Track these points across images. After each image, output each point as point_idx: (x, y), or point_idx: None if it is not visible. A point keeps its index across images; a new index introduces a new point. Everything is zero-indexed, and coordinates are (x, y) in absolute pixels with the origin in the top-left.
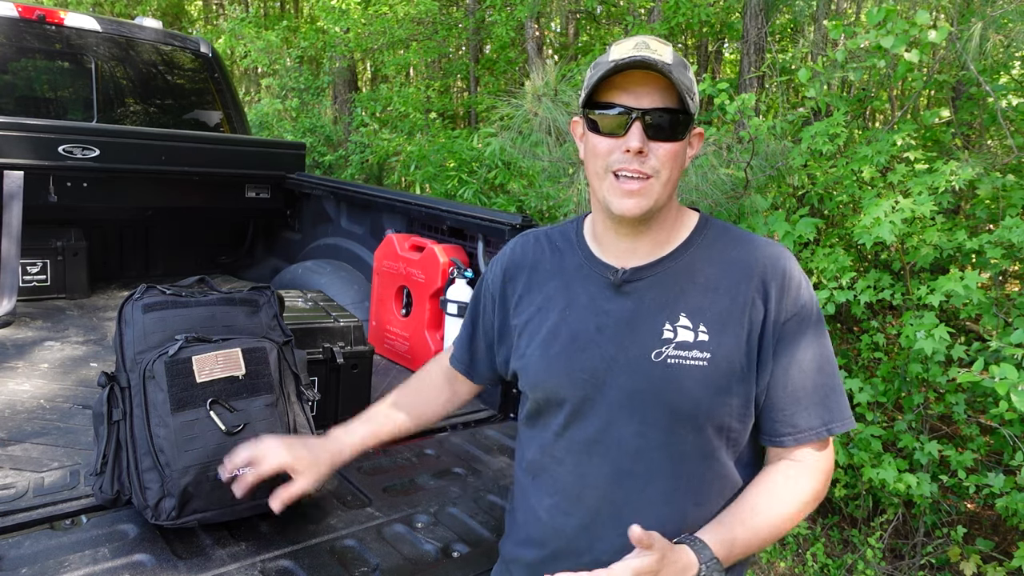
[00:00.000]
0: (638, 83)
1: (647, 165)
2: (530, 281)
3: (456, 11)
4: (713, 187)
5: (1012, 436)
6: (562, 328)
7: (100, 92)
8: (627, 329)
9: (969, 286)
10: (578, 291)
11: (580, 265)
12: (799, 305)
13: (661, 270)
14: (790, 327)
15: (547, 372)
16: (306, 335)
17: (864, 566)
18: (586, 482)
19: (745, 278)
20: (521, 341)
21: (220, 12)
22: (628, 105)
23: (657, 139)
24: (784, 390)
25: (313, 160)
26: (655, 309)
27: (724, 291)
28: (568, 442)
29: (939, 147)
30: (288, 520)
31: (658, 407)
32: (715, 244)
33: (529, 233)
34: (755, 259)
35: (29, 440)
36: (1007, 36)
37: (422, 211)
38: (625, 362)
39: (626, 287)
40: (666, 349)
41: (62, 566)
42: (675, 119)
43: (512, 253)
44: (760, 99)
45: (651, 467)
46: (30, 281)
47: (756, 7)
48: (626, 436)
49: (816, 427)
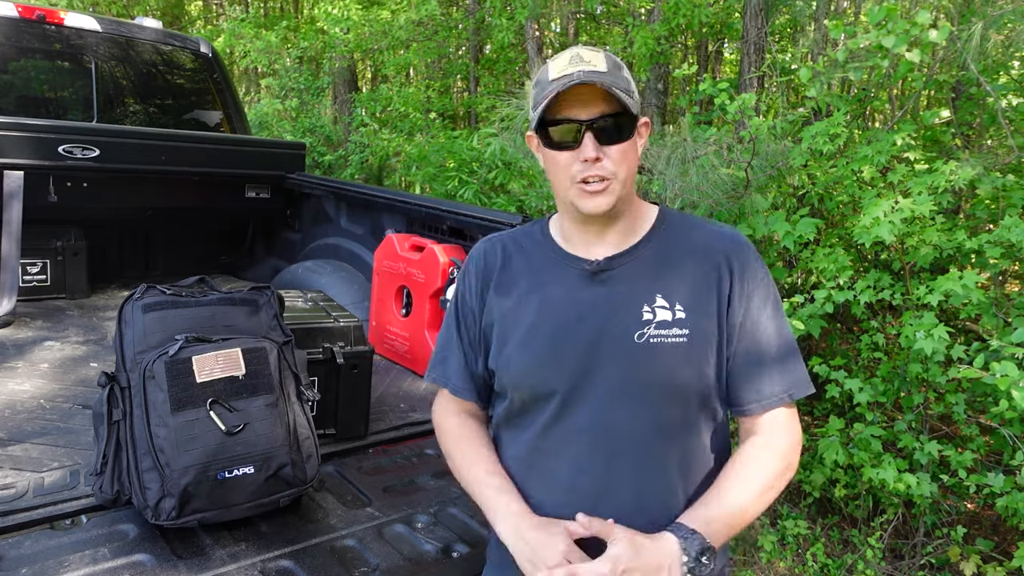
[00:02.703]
0: (582, 96)
1: (605, 169)
2: (499, 282)
3: (456, 12)
4: (713, 187)
5: (1012, 436)
6: (541, 323)
7: (100, 92)
8: (608, 314)
9: (968, 286)
10: (552, 286)
11: (552, 261)
12: (758, 278)
13: (633, 257)
14: (754, 299)
15: (532, 368)
16: (306, 335)
17: (864, 566)
18: (579, 470)
19: (710, 257)
20: (496, 340)
21: (220, 12)
22: (577, 118)
23: (608, 143)
24: (748, 357)
25: (313, 160)
26: (632, 294)
27: (692, 271)
28: (559, 433)
29: (939, 147)
30: (288, 520)
31: (646, 386)
32: (678, 230)
33: (493, 237)
34: (716, 240)
35: (29, 440)
36: (1007, 36)
37: (422, 211)
38: (610, 346)
39: (602, 275)
40: (647, 330)
41: (62, 566)
42: (621, 122)
43: (483, 259)
44: (760, 99)
45: (642, 447)
46: (30, 281)
47: (756, 7)
48: (617, 419)
49: (779, 393)
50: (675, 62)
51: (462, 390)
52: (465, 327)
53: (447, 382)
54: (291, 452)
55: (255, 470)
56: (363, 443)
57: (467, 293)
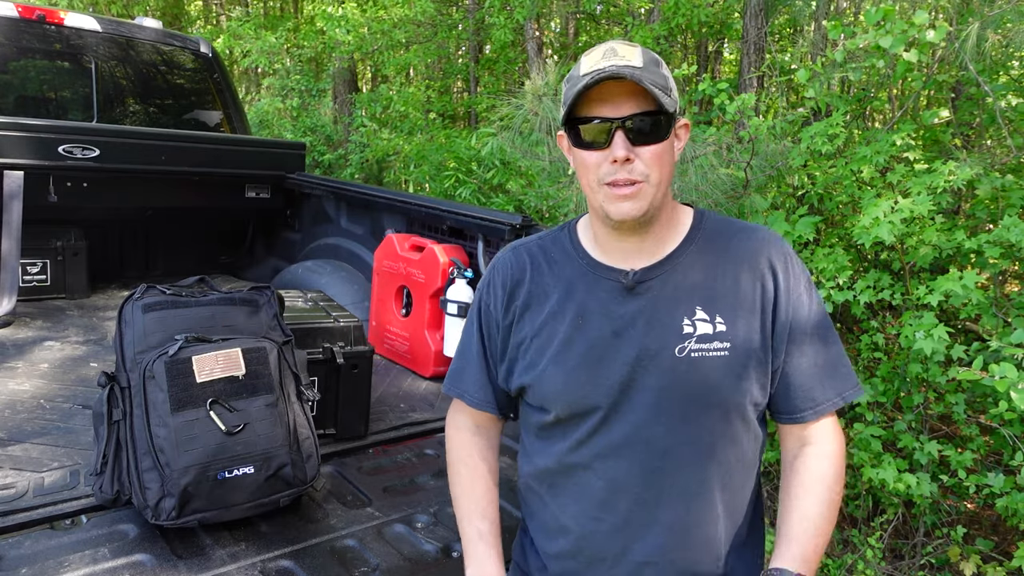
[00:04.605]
0: (613, 92)
1: (636, 171)
2: (529, 295)
3: (456, 12)
4: (713, 187)
5: (1012, 436)
6: (577, 338)
7: (100, 92)
8: (646, 329)
9: (968, 286)
10: (587, 299)
11: (584, 273)
12: (803, 280)
13: (670, 267)
14: (799, 302)
15: (570, 386)
16: (306, 335)
17: (864, 566)
18: (616, 486)
19: (750, 263)
20: (528, 355)
21: (220, 12)
22: (607, 116)
23: (641, 143)
24: (801, 365)
25: (313, 160)
26: (670, 306)
27: (732, 279)
28: (594, 448)
29: (938, 147)
30: (288, 520)
31: (686, 401)
32: (715, 236)
33: (518, 246)
34: (756, 243)
35: (29, 440)
36: (1005, 36)
37: (422, 211)
38: (649, 362)
39: (639, 288)
40: (688, 343)
41: (62, 566)
42: (655, 121)
43: (509, 269)
44: (760, 99)
45: (680, 461)
46: (30, 281)
47: (756, 7)
48: (655, 434)
49: (832, 398)
50: (675, 62)
51: (481, 403)
52: (488, 338)
53: (463, 394)
54: (291, 452)
55: (255, 470)
56: (363, 443)
57: (492, 304)
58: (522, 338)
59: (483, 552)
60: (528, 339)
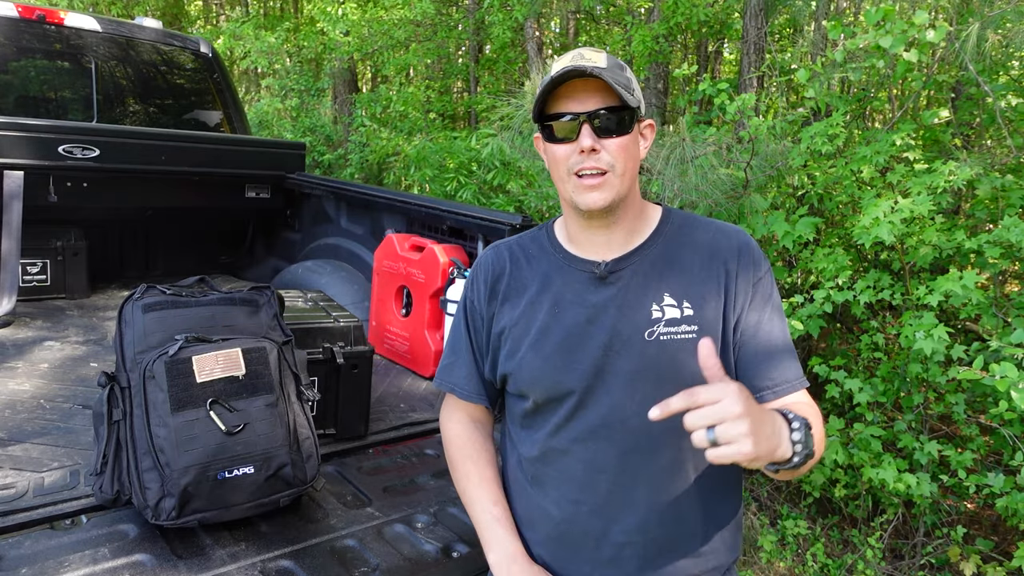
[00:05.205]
0: (580, 90)
1: (602, 161)
2: (508, 288)
3: (456, 12)
4: (713, 187)
5: (1012, 436)
6: (553, 326)
7: (100, 92)
8: (617, 315)
9: (968, 286)
10: (562, 289)
11: (560, 265)
12: (762, 273)
13: (639, 258)
14: (759, 292)
15: (546, 371)
16: (306, 335)
17: (864, 566)
18: (594, 468)
19: (715, 255)
20: (509, 343)
21: (220, 12)
22: (575, 111)
23: (606, 136)
24: (757, 347)
25: (313, 160)
26: (640, 293)
27: (699, 269)
28: (572, 432)
29: (938, 147)
30: (288, 520)
31: (658, 383)
32: (682, 230)
33: (499, 245)
34: (721, 238)
35: (29, 440)
36: (1005, 36)
37: (422, 211)
38: (621, 346)
39: (610, 277)
40: (657, 327)
41: (62, 566)
42: (620, 116)
43: (490, 265)
44: (760, 99)
45: (655, 443)
46: (30, 281)
47: (756, 7)
48: (630, 416)
49: (791, 379)
50: (675, 62)
51: (471, 395)
52: (474, 331)
53: (454, 388)
54: (291, 452)
55: (255, 470)
56: (363, 443)
57: (476, 299)
58: (503, 327)
59: (502, 535)
60: (508, 328)
